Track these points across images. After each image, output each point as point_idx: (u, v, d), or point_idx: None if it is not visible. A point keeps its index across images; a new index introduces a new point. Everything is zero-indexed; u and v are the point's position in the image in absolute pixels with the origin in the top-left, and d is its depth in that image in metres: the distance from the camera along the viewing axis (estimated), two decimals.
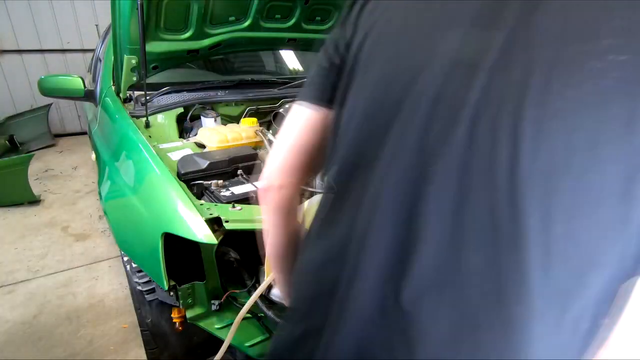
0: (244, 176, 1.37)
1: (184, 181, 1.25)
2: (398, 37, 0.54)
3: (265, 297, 1.22)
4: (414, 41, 0.52)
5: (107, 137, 1.73)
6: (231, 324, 1.19)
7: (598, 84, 0.40)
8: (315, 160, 0.69)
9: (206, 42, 1.82)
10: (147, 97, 1.67)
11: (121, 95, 1.78)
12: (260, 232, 1.12)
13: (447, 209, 0.47)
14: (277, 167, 0.69)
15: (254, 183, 1.30)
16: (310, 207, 1.17)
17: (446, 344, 0.49)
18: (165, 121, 1.68)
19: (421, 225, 0.48)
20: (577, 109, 0.41)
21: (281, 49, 2.53)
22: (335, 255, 0.58)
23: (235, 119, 1.98)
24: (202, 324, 1.19)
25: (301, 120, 0.67)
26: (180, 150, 1.48)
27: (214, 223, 1.07)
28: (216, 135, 1.56)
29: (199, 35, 1.77)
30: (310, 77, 0.67)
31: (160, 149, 1.43)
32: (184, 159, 1.38)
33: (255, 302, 1.12)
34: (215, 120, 1.77)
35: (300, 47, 2.31)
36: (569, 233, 0.43)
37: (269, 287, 1.20)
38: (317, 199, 1.20)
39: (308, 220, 1.11)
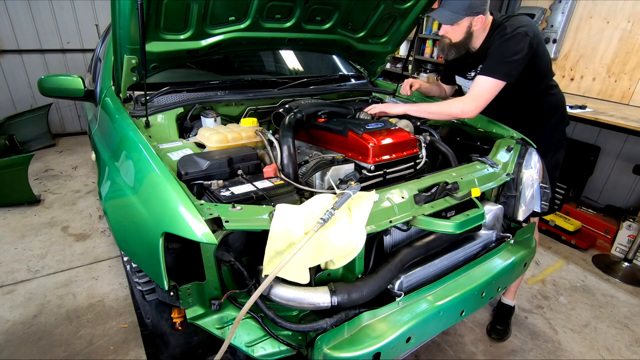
0: (244, 176, 1.37)
1: (184, 181, 1.25)
2: None
3: (265, 297, 1.22)
4: None
5: (107, 137, 1.73)
6: (231, 324, 1.20)
7: None
8: None
9: (206, 42, 1.82)
10: (147, 97, 1.67)
11: (121, 95, 1.78)
12: (261, 232, 1.12)
13: None
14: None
15: (254, 183, 1.30)
16: (310, 208, 1.16)
17: None
18: (165, 121, 1.68)
19: None
20: None
21: (281, 49, 2.53)
22: None
23: (235, 119, 1.98)
24: (202, 324, 1.19)
25: None
26: (180, 150, 1.48)
27: (214, 223, 1.07)
28: (216, 135, 1.56)
29: (198, 35, 1.77)
30: None
31: (160, 149, 1.43)
32: (184, 159, 1.38)
33: (255, 302, 1.11)
34: (215, 120, 1.77)
35: (300, 47, 2.30)
36: None
37: (269, 287, 1.20)
38: (317, 199, 1.20)
39: (309, 222, 1.12)
